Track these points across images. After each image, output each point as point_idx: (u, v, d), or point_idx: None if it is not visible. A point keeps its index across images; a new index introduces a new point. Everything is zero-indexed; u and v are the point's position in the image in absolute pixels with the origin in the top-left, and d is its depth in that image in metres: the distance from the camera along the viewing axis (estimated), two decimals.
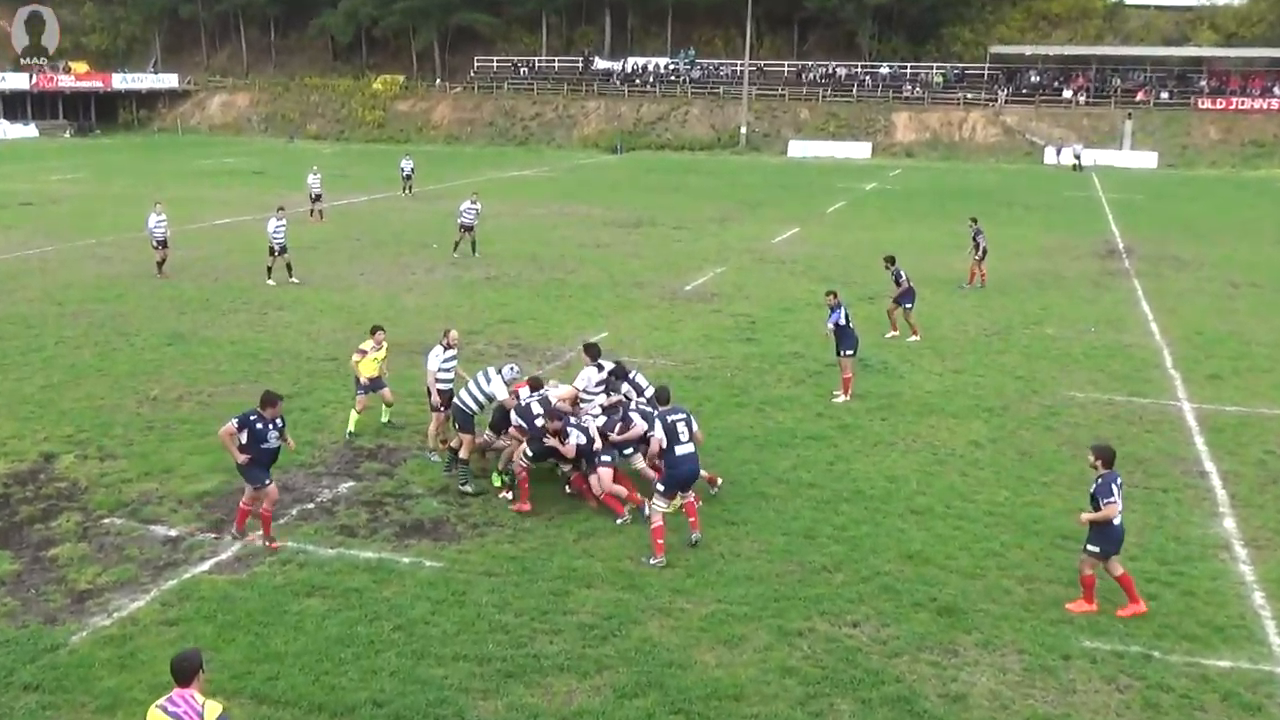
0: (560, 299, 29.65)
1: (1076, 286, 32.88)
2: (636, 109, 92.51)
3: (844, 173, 71.70)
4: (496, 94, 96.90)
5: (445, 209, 48.60)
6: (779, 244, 40.56)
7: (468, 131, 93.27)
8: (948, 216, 48.64)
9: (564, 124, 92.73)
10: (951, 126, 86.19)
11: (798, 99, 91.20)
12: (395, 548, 13.97)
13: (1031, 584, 13.23)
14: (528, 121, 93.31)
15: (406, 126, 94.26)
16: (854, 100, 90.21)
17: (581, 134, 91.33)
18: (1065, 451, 18.13)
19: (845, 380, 20.52)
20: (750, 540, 14.36)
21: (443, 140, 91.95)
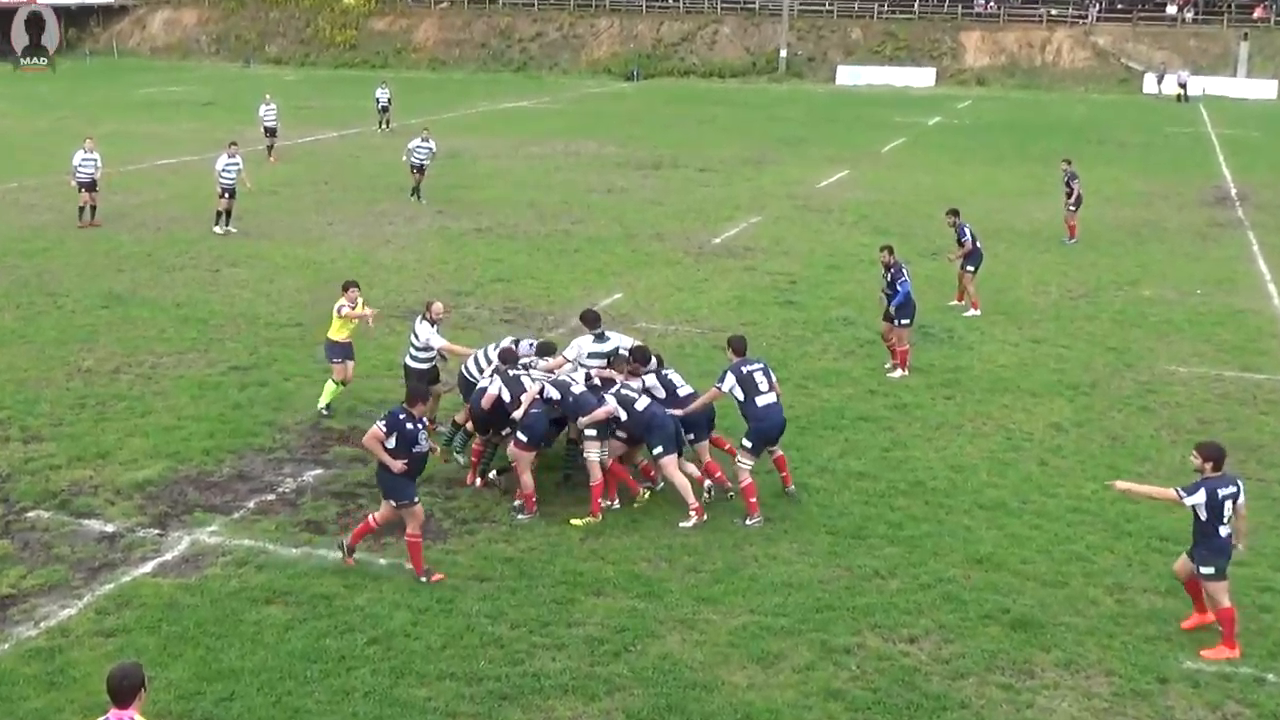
0: (564, 255, 29.65)
1: (1179, 240, 32.70)
2: (656, 28, 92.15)
3: (903, 104, 71.33)
4: (490, 10, 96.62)
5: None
6: (825, 189, 40.44)
7: (455, 55, 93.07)
8: (1027, 157, 48.39)
9: (569, 46, 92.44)
10: (1032, 49, 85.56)
11: (848, 16, 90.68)
12: (370, 547, 14.03)
13: (1123, 594, 13.23)
14: (527, 43, 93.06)
15: (383, 49, 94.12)
16: (915, 17, 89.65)
17: (590, 58, 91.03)
18: (1164, 436, 18.09)
19: (901, 353, 20.51)
20: (789, 540, 14.39)
21: (426, 65, 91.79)
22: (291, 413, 18.41)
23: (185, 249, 29.42)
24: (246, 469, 16.29)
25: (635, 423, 14.79)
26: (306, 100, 65.92)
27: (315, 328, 22.70)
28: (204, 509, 15.00)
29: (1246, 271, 29.05)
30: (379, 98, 54.11)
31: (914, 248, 30.90)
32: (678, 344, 22.12)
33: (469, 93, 74.21)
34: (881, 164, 46.70)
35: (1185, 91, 75.29)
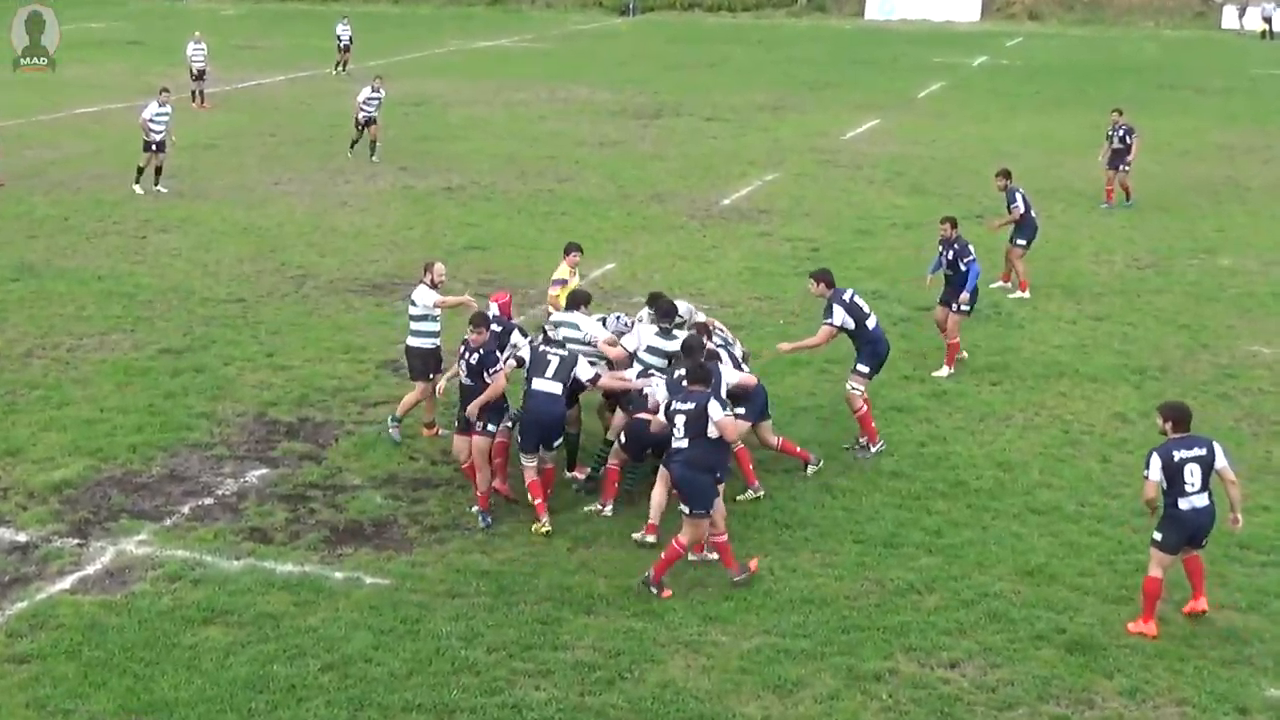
0: (550, 218, 29.64)
1: (1265, 201, 32.69)
2: None
3: (943, 42, 71.23)
4: None
5: (388, 93, 48.49)
6: (852, 141, 40.41)
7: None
8: (1088, 105, 48.26)
9: None
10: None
11: None
12: (324, 558, 14.07)
13: None
14: None
15: None
16: None
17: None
18: (1245, 428, 18.11)
19: (952, 346, 20.23)
20: (810, 550, 14.42)
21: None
22: (232, 403, 18.42)
23: (109, 212, 29.40)
24: (180, 468, 16.30)
25: None
26: (249, 39, 65.80)
27: (259, 304, 22.74)
28: (131, 515, 15.01)
29: None
30: (339, 35, 54.07)
31: (957, 209, 30.74)
32: None
33: (438, 29, 74.07)
34: (918, 112, 46.65)
35: (1271, 26, 75.16)
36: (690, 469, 13.53)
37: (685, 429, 13.59)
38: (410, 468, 16.39)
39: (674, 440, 13.71)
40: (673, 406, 13.80)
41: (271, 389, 18.89)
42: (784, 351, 17.88)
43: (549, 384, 14.94)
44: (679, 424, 13.64)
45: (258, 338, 21.07)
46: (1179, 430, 12.94)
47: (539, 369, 15.04)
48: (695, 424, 13.55)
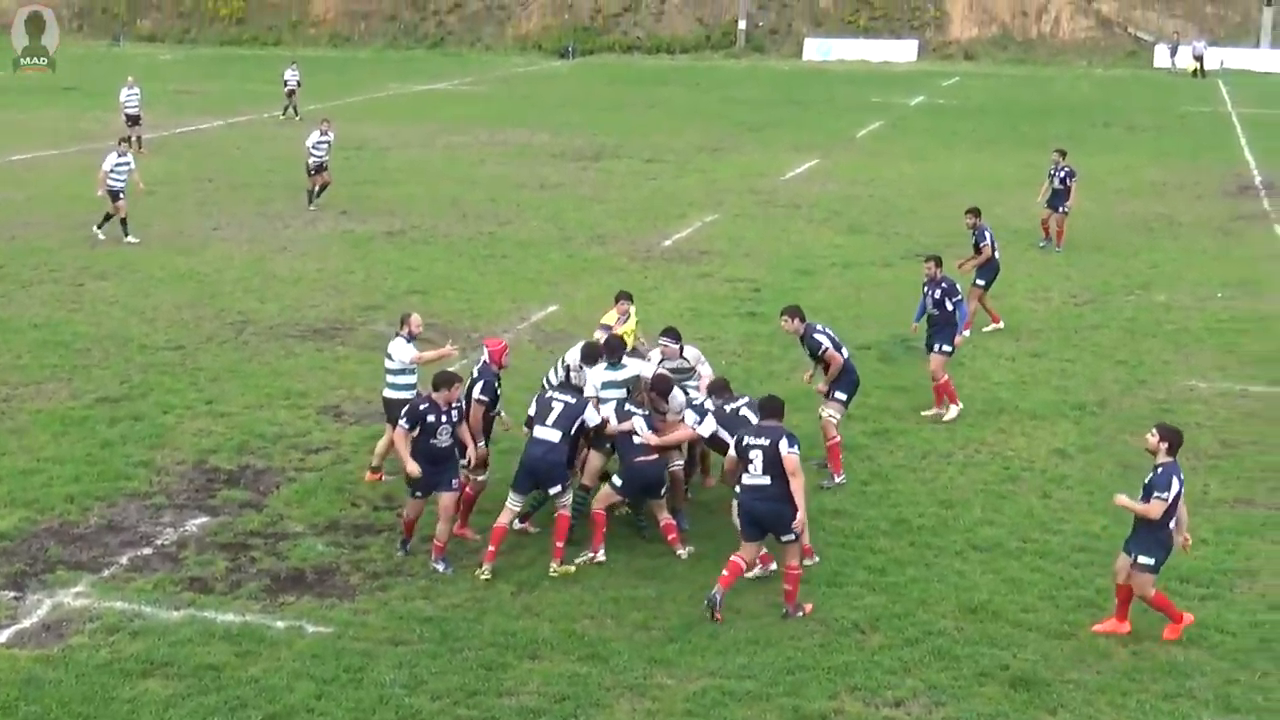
0: (491, 261, 29.63)
1: (1197, 237, 33.13)
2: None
3: (880, 82, 71.87)
4: None
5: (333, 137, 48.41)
6: (792, 181, 40.66)
7: (361, 29, 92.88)
8: (1024, 143, 48.86)
9: (494, 19, 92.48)
10: (1027, 18, 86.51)
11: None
12: (266, 607, 13.95)
13: (1138, 644, 13.35)
14: (444, 15, 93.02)
15: (276, 23, 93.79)
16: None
17: (518, 31, 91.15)
18: (1184, 461, 18.20)
19: (940, 389, 19.91)
20: (754, 591, 14.41)
21: (327, 42, 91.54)
22: (171, 452, 18.26)
23: (44, 260, 29.15)
24: (118, 519, 16.13)
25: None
26: (186, 84, 65.53)
27: (198, 351, 22.59)
28: (68, 566, 14.83)
29: (1273, 271, 29.46)
30: (287, 79, 54.13)
31: (895, 248, 31.17)
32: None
33: (377, 73, 74.04)
34: (856, 151, 47.02)
35: (1202, 65, 76.34)
36: (774, 502, 13.70)
37: (764, 466, 13.69)
38: (352, 514, 16.30)
39: (750, 477, 13.73)
40: (745, 442, 13.85)
41: (211, 436, 18.75)
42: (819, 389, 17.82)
43: (547, 431, 14.89)
44: (756, 460, 13.72)
45: (197, 385, 20.91)
46: (1172, 454, 13.33)
47: (541, 415, 15.09)
48: (774, 461, 13.68)
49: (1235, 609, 14.00)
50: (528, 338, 23.76)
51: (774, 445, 13.66)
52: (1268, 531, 15.99)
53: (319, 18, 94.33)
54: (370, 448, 18.09)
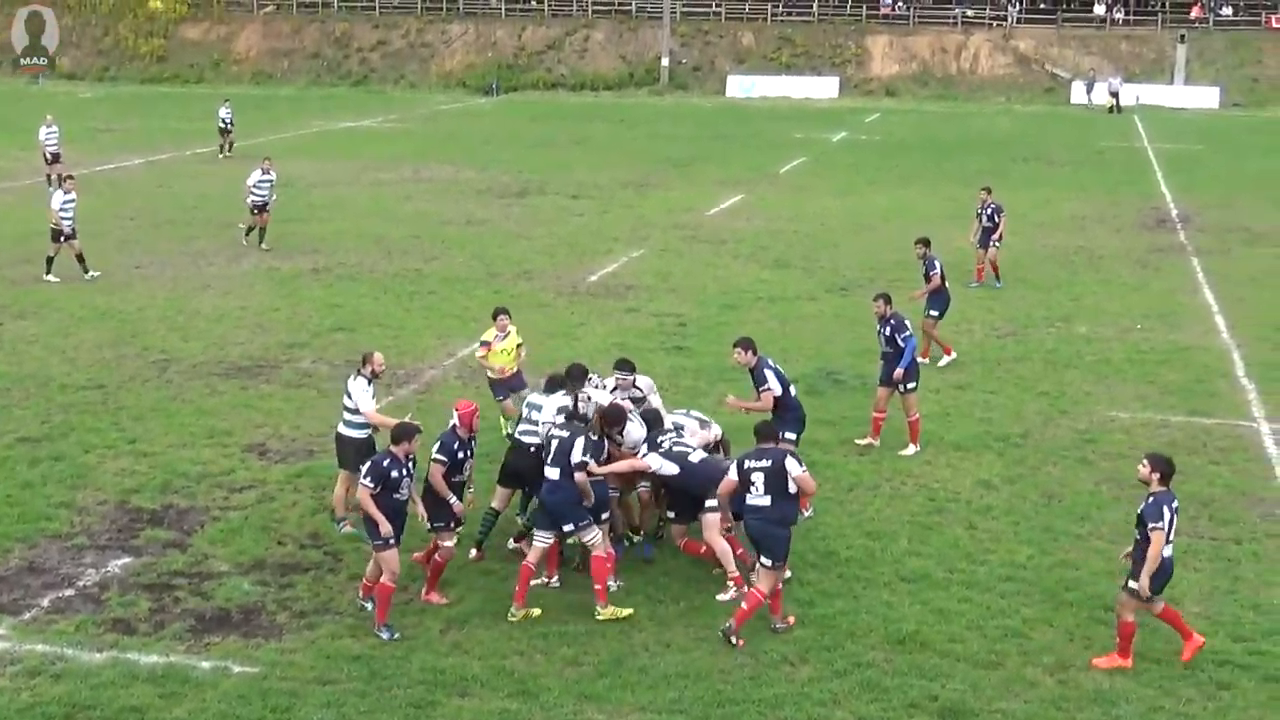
0: (416, 297, 29.53)
1: (1116, 268, 33.56)
2: (517, 34, 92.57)
3: (803, 119, 72.41)
4: (323, 15, 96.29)
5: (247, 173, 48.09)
6: (716, 216, 40.82)
7: (284, 67, 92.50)
8: (945, 177, 49.37)
9: (418, 56, 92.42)
10: (946, 55, 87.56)
11: (738, 19, 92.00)
12: (190, 648, 13.78)
13: (1064, 673, 13.45)
14: (367, 53, 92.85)
15: (198, 61, 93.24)
16: (814, 20, 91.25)
17: (442, 69, 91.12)
18: (1106, 492, 18.48)
19: (912, 424, 19.96)
20: (683, 625, 14.40)
21: (249, 79, 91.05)
22: (93, 492, 18.03)
23: None
24: (39, 560, 15.88)
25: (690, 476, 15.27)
26: (106, 122, 64.95)
27: (120, 390, 22.35)
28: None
29: (1191, 303, 29.89)
30: (222, 117, 53.93)
31: (820, 282, 31.36)
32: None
33: (300, 110, 73.74)
34: (780, 187, 47.31)
35: (1118, 101, 77.55)
36: (771, 524, 13.98)
37: (765, 486, 13.98)
38: (278, 552, 16.15)
39: (752, 498, 14.05)
40: (746, 465, 14.17)
41: (134, 476, 18.53)
42: (731, 406, 18.02)
43: (549, 469, 14.86)
44: (758, 481, 14.02)
45: (119, 424, 20.67)
46: (1164, 484, 13.48)
47: (545, 453, 15.14)
48: (775, 481, 13.97)
49: (1159, 637, 14.12)
50: (454, 374, 23.68)
51: (778, 465, 14.00)
52: (1190, 560, 16.17)
53: (241, 55, 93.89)
54: (295, 486, 18.01)
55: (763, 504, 14.02)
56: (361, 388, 16.50)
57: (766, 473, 14.03)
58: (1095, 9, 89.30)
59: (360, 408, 16.45)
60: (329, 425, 20.59)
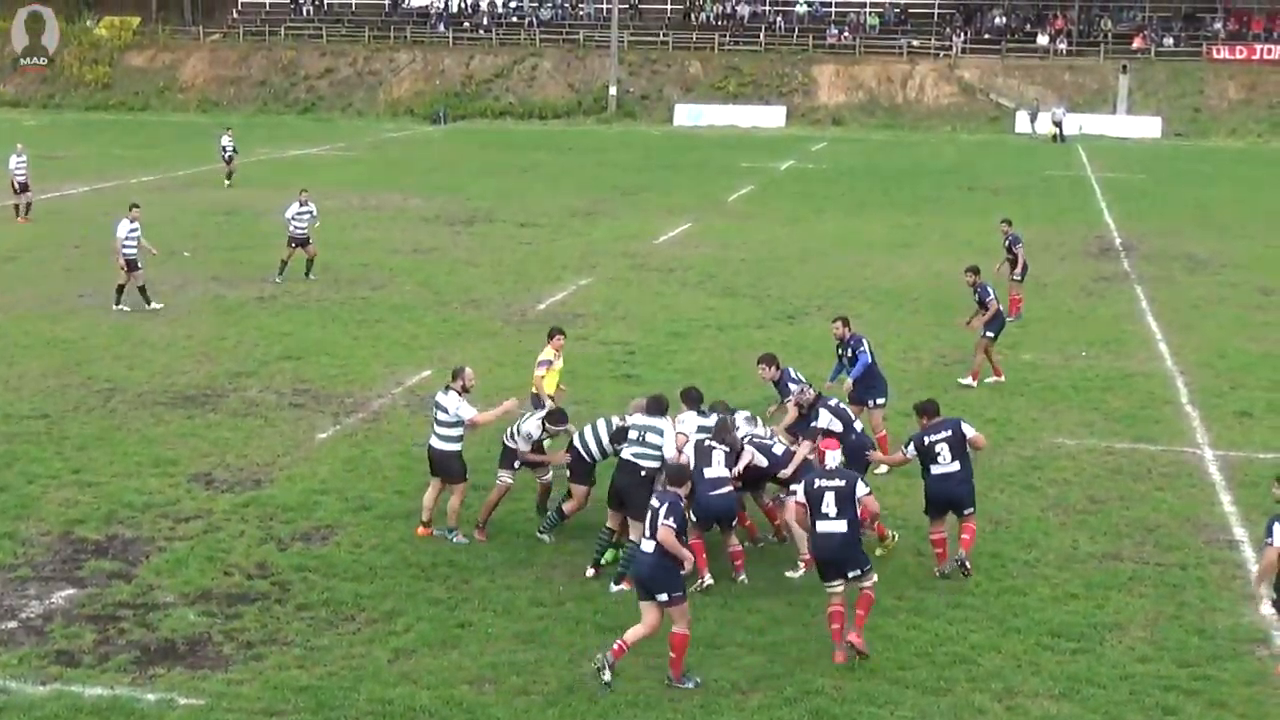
0: (364, 325, 29.43)
1: (1062, 297, 33.83)
2: (465, 63, 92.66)
3: (750, 147, 72.74)
4: (270, 43, 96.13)
5: (199, 201, 47.93)
6: (665, 245, 40.92)
7: (230, 95, 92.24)
8: (892, 205, 49.73)
9: (365, 84, 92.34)
10: (892, 84, 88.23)
11: (685, 48, 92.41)
12: (135, 680, 13.64)
13: (1012, 699, 13.51)
14: (314, 80, 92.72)
15: (143, 89, 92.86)
16: (761, 50, 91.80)
17: (390, 97, 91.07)
18: (1052, 518, 18.59)
19: (880, 439, 20.08)
20: (633, 653, 14.33)
21: (195, 107, 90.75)
22: (36, 522, 17.84)
23: None
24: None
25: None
26: (51, 150, 64.47)
27: (64, 419, 22.15)
28: None
29: (1135, 330, 30.18)
30: (224, 146, 54.18)
31: (768, 310, 31.47)
32: (499, 427, 22.00)
33: (247, 138, 73.15)
34: (728, 215, 47.48)
35: (1061, 130, 78.34)
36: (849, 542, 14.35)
37: (838, 506, 14.31)
38: (225, 583, 16.02)
39: (826, 520, 14.32)
40: (817, 484, 14.48)
41: (78, 506, 18.35)
42: None
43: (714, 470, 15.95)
44: (829, 501, 14.33)
45: (63, 454, 20.47)
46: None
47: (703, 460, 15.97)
48: (846, 500, 14.34)
49: (1105, 662, 14.23)
50: (402, 403, 23.60)
51: (850, 487, 14.45)
52: (1135, 585, 16.30)
53: (187, 83, 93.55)
54: (242, 516, 17.93)
55: (839, 529, 14.28)
56: (456, 401, 17.28)
57: (839, 492, 14.39)
58: (1039, 39, 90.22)
59: (464, 416, 17.24)
60: (276, 454, 20.63)
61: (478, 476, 18.40)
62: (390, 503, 18.62)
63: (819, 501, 14.36)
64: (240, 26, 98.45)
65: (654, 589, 13.58)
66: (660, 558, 13.57)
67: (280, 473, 19.84)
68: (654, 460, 16.23)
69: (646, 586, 13.68)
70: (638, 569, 13.95)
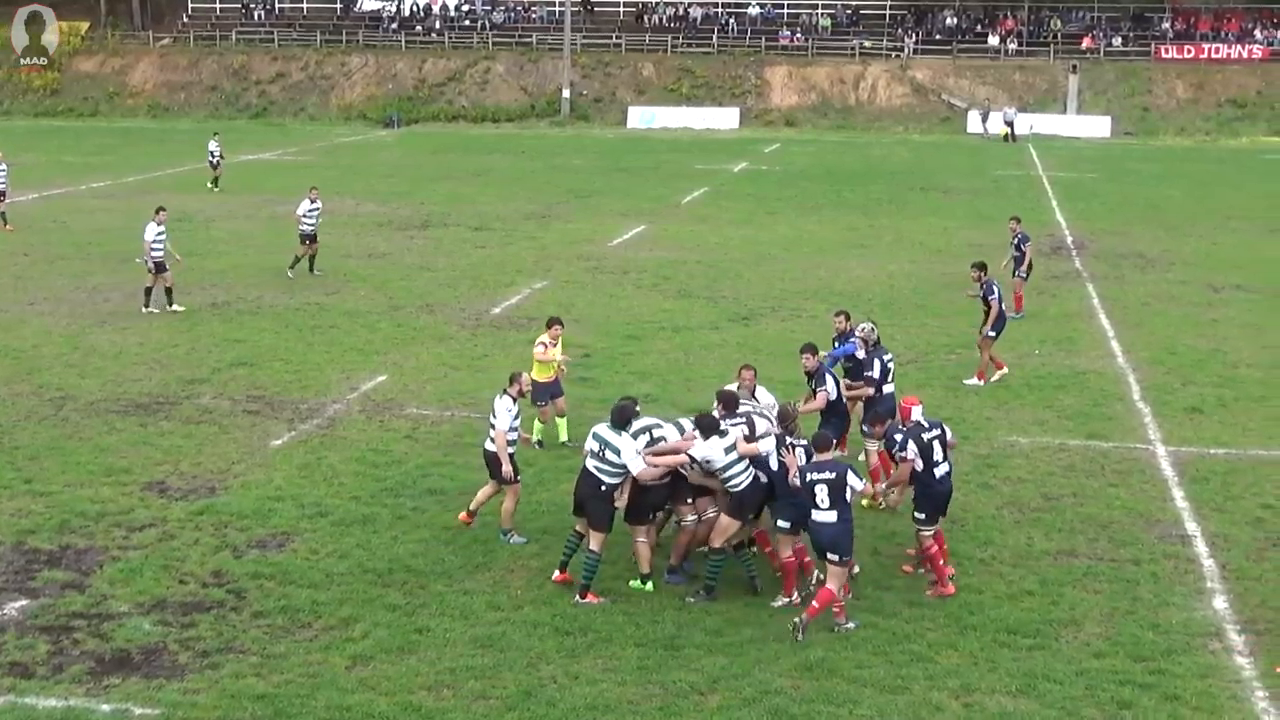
0: (318, 331, 29.30)
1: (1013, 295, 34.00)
2: (418, 66, 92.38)
3: (704, 149, 72.84)
4: (221, 47, 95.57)
5: (151, 207, 47.51)
6: (619, 247, 40.92)
7: (181, 100, 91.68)
8: (845, 206, 49.90)
9: (317, 88, 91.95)
10: (845, 85, 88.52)
11: (638, 50, 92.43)
12: (90, 690, 13.54)
13: (970, 696, 13.58)
14: (266, 85, 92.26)
15: (93, 94, 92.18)
16: (714, 52, 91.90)
17: (342, 101, 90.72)
18: (1006, 515, 18.69)
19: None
20: (592, 656, 14.37)
21: (145, 112, 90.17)
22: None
23: None
24: None
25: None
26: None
27: (15, 429, 21.98)
28: None
29: (1087, 328, 30.39)
30: (211, 150, 54.30)
31: (723, 312, 31.51)
32: (455, 432, 22.03)
33: (198, 144, 72.51)
34: (682, 217, 47.52)
35: (1013, 130, 78.80)
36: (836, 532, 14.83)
37: (830, 498, 14.84)
38: (180, 591, 15.92)
39: (818, 513, 14.86)
40: (810, 477, 14.96)
41: (30, 516, 18.19)
42: None
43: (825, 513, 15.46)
44: (822, 494, 14.86)
45: (14, 463, 20.29)
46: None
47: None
48: (838, 491, 14.85)
49: (1061, 658, 14.33)
50: (358, 408, 23.51)
51: (841, 479, 14.91)
52: (1089, 581, 16.41)
53: (137, 88, 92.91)
54: (196, 524, 17.85)
55: (829, 520, 14.81)
56: (505, 406, 17.26)
57: (830, 485, 14.85)
58: (990, 40, 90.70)
59: (497, 425, 17.17)
60: (230, 461, 20.53)
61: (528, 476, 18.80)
62: (346, 509, 18.55)
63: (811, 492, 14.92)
64: (190, 31, 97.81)
65: (832, 550, 14.73)
66: (844, 524, 14.82)
67: (235, 480, 19.74)
68: (614, 477, 15.88)
69: (825, 549, 14.80)
70: (818, 536, 14.89)
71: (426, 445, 21.45)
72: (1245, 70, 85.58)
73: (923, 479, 16.29)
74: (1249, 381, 25.76)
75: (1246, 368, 26.77)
